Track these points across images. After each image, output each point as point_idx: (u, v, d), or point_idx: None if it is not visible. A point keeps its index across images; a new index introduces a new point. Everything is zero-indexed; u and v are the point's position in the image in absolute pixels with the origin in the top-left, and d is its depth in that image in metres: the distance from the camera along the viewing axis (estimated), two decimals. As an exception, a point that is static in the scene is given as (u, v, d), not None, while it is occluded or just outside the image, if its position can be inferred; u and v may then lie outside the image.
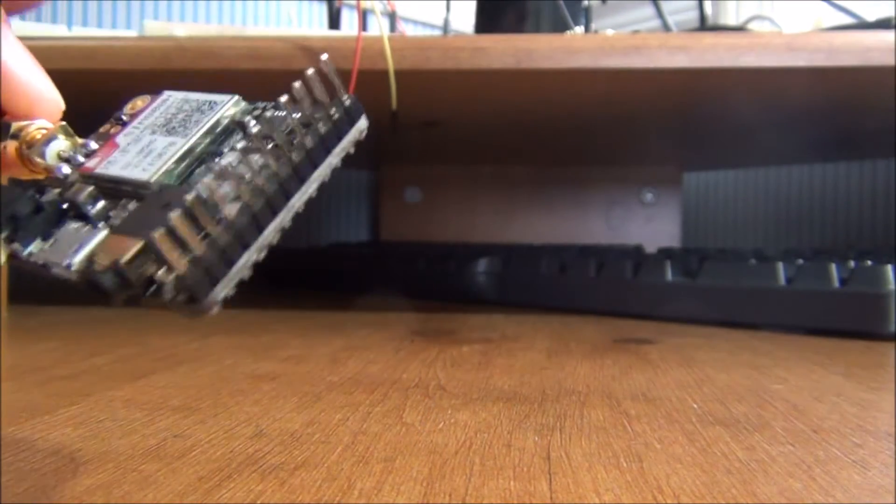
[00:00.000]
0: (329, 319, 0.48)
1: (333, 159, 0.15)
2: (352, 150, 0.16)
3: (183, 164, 0.16)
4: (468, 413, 0.24)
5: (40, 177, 0.17)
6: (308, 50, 0.44)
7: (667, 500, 0.16)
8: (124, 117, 0.18)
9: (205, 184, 0.13)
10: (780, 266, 0.46)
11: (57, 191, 0.16)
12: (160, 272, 0.13)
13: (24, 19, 0.74)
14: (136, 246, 0.13)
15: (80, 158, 0.17)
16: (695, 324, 0.47)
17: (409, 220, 0.91)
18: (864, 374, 0.31)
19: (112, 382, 0.28)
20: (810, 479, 0.18)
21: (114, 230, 0.14)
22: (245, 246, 0.14)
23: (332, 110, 0.16)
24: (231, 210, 0.13)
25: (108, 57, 0.44)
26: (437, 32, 0.93)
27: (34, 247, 0.15)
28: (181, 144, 0.16)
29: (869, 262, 0.43)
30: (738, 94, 0.51)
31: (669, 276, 0.50)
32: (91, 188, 0.16)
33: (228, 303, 0.22)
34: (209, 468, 0.18)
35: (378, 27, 0.44)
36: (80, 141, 0.17)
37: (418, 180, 0.90)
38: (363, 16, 0.45)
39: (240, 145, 0.15)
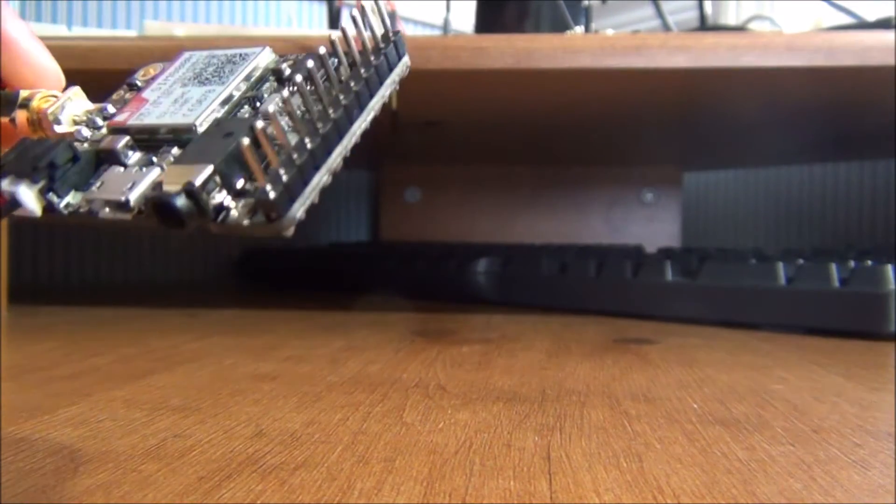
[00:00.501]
0: (329, 319, 0.48)
1: (385, 90, 0.16)
2: (397, 86, 0.16)
3: (225, 109, 0.15)
4: (468, 413, 0.24)
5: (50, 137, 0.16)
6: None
7: (667, 500, 0.16)
8: (138, 83, 0.17)
9: (275, 101, 0.14)
10: (780, 266, 0.46)
11: (87, 144, 0.16)
12: (246, 185, 0.13)
13: (24, 19, 0.74)
14: (207, 169, 0.13)
15: (99, 121, 0.16)
16: (695, 324, 0.47)
17: (409, 220, 0.91)
18: (864, 374, 0.31)
19: (112, 382, 0.28)
20: (810, 479, 0.18)
21: (175, 161, 0.14)
22: (316, 167, 0.13)
23: (381, 45, 0.16)
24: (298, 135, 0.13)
25: (108, 57, 0.44)
26: (437, 32, 0.93)
27: (71, 197, 0.15)
28: (220, 91, 0.15)
29: (869, 262, 0.43)
30: (738, 94, 0.51)
31: (669, 276, 0.50)
32: (127, 138, 0.15)
33: (229, 303, 0.21)
34: (209, 468, 0.18)
35: (378, 27, 0.44)
36: (94, 106, 0.17)
37: (418, 180, 0.90)
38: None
39: (297, 77, 0.14)
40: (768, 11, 0.84)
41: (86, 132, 0.16)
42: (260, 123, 0.13)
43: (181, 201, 0.13)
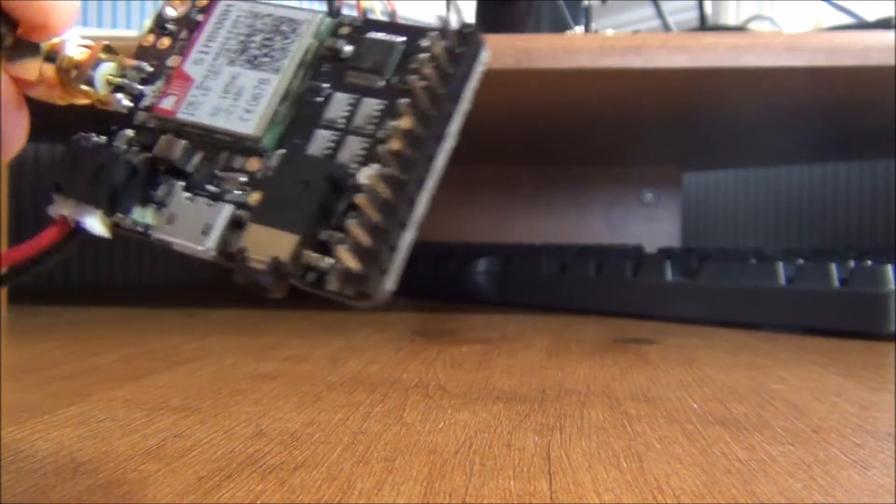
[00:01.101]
0: (329, 319, 0.48)
1: (465, 105, 0.14)
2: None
3: (284, 108, 0.14)
4: (468, 413, 0.24)
5: (81, 102, 0.15)
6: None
7: (667, 500, 0.16)
8: (169, 26, 0.15)
9: (364, 175, 0.12)
10: (780, 266, 0.46)
11: (129, 132, 0.15)
12: (326, 265, 0.12)
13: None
14: (293, 240, 0.12)
15: (136, 85, 0.15)
16: (695, 324, 0.47)
17: (409, 220, 0.91)
18: (864, 374, 0.31)
19: (112, 382, 0.28)
20: (810, 479, 0.18)
21: (254, 217, 0.13)
22: (402, 225, 0.12)
23: (450, 41, 0.14)
24: (381, 186, 0.12)
25: (108, 57, 0.44)
26: (437, 32, 0.93)
27: (137, 214, 0.14)
28: (275, 83, 0.14)
29: (869, 262, 0.43)
30: (738, 94, 0.51)
31: (669, 276, 0.50)
32: (184, 143, 0.14)
33: (229, 303, 0.21)
34: (209, 468, 0.18)
35: (378, 27, 0.44)
36: (129, 62, 0.15)
37: (418, 180, 0.90)
38: (363, 16, 0.45)
39: (375, 107, 0.13)
40: (768, 11, 0.84)
41: (124, 100, 0.15)
42: (360, 198, 0.12)
43: (269, 280, 0.12)
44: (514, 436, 0.21)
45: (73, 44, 0.14)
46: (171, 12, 0.16)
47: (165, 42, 0.15)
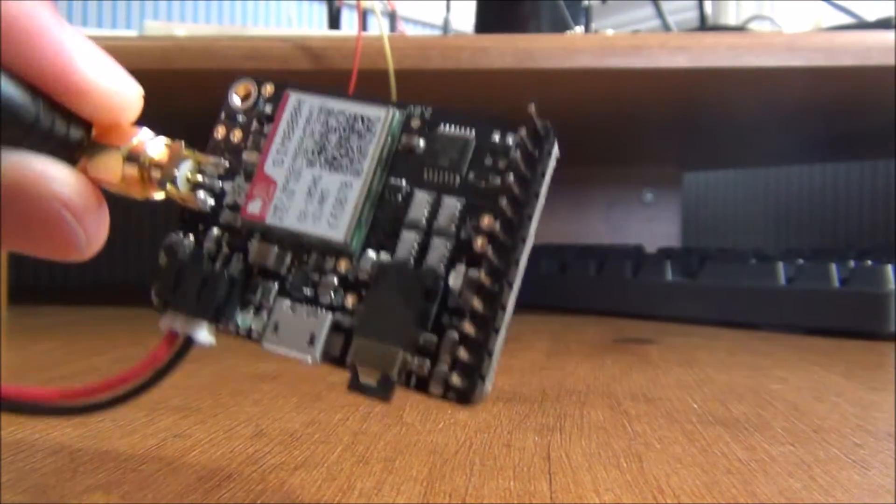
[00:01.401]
0: (329, 319, 0.48)
1: (542, 200, 0.14)
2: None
3: (366, 209, 0.14)
4: (468, 413, 0.24)
5: (158, 198, 0.15)
6: (308, 50, 0.44)
7: (667, 500, 0.16)
8: (239, 117, 0.16)
9: (458, 287, 0.13)
10: (780, 266, 0.46)
11: (216, 231, 0.15)
12: (427, 372, 0.13)
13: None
14: (399, 356, 0.13)
15: (217, 183, 0.15)
16: (695, 324, 0.47)
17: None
18: (864, 374, 0.31)
19: (112, 382, 0.28)
20: (810, 479, 0.18)
21: (358, 330, 0.14)
22: (497, 331, 0.13)
23: (523, 134, 0.14)
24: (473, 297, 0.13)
25: (108, 57, 0.44)
26: (437, 32, 0.93)
27: (240, 319, 0.15)
28: (358, 187, 0.14)
29: (869, 262, 0.43)
30: (738, 94, 0.51)
31: (669, 276, 0.50)
32: (276, 250, 0.15)
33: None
34: (209, 468, 0.18)
35: (378, 27, 0.44)
36: (206, 159, 0.16)
37: (418, 180, 0.90)
38: (363, 16, 0.46)
39: (456, 207, 0.14)
40: (768, 11, 0.84)
41: (209, 201, 0.15)
42: (468, 326, 0.13)
43: (380, 392, 0.13)
44: (514, 436, 0.21)
45: (153, 143, 0.15)
46: (237, 101, 0.16)
47: (237, 134, 0.16)
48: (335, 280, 0.14)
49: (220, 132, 0.16)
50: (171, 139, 0.15)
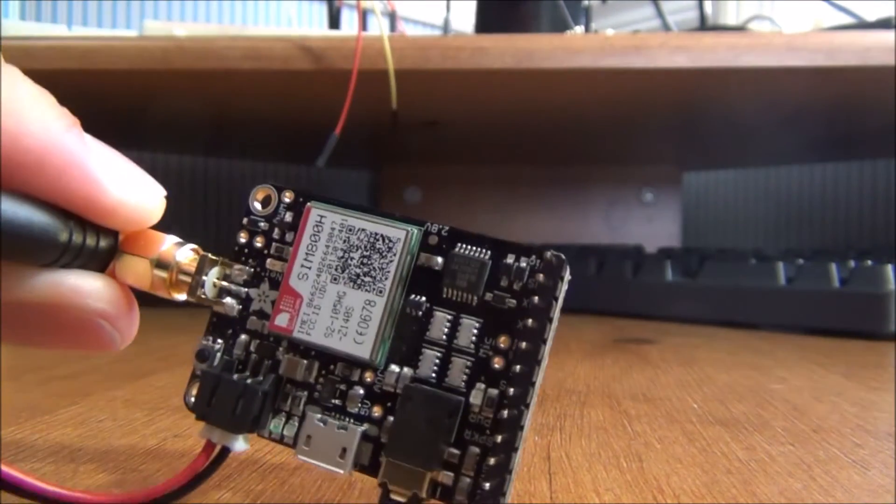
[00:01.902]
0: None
1: (556, 323, 0.15)
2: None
3: (388, 327, 0.15)
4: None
5: (183, 299, 0.16)
6: (308, 50, 0.44)
7: (667, 500, 0.16)
8: (261, 224, 0.17)
9: (478, 404, 0.15)
10: (780, 266, 0.46)
11: (244, 338, 0.16)
12: (451, 482, 0.14)
13: (24, 19, 0.74)
14: (428, 477, 0.14)
15: (242, 289, 0.16)
16: (695, 324, 0.47)
17: (409, 220, 0.91)
18: (864, 374, 0.31)
19: (112, 382, 0.28)
20: (810, 479, 0.18)
21: (387, 451, 0.15)
22: (515, 450, 0.14)
23: (539, 268, 0.15)
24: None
25: (108, 57, 0.44)
26: (437, 32, 0.93)
27: (273, 426, 0.16)
28: (381, 305, 0.15)
29: (869, 262, 0.43)
30: (738, 94, 0.51)
31: (669, 276, 0.50)
32: (305, 363, 0.16)
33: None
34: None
35: (378, 27, 0.44)
36: (232, 266, 0.16)
37: (418, 180, 0.90)
38: (363, 16, 0.45)
39: (474, 327, 0.15)
40: (768, 11, 0.84)
41: (234, 305, 0.16)
42: (490, 452, 0.14)
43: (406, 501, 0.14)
44: (514, 436, 0.21)
45: (181, 250, 0.16)
46: (257, 206, 0.17)
47: (260, 240, 0.17)
48: (361, 391, 0.15)
49: (243, 237, 0.17)
50: (197, 246, 0.16)
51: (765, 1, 0.90)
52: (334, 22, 0.69)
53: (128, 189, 0.14)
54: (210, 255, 0.16)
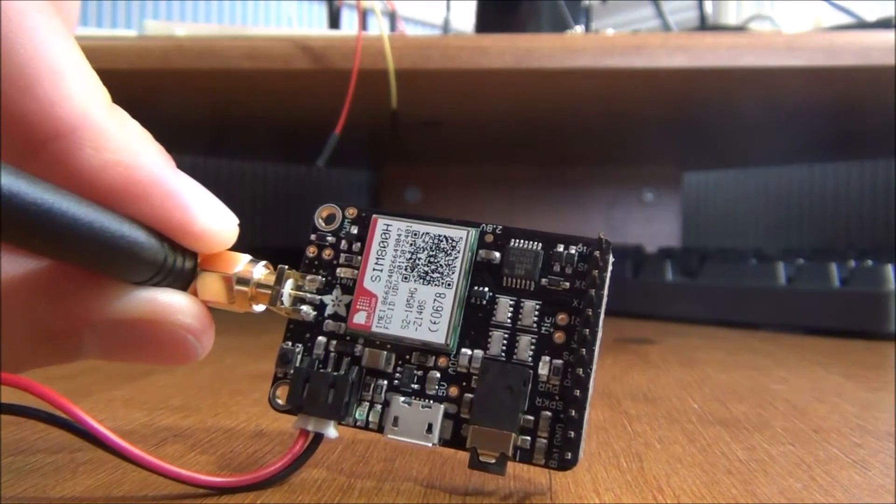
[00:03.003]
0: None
1: (606, 298, 0.17)
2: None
3: (457, 315, 0.17)
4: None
5: (255, 310, 0.18)
6: (308, 50, 0.44)
7: (667, 500, 0.16)
8: (328, 238, 0.18)
9: (546, 374, 0.17)
10: (780, 266, 0.46)
11: (323, 339, 0.18)
12: (529, 445, 0.16)
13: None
14: (511, 438, 0.16)
15: (317, 297, 0.18)
16: (695, 324, 0.47)
17: (409, 220, 0.91)
18: (864, 374, 0.31)
19: (112, 382, 0.28)
20: (810, 479, 0.18)
21: (473, 420, 0.16)
22: (585, 408, 0.16)
23: (586, 248, 0.17)
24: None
25: (108, 57, 0.44)
26: (437, 32, 0.93)
27: (359, 414, 0.17)
28: (451, 296, 0.17)
29: (869, 262, 0.43)
30: (738, 94, 0.51)
31: (669, 276, 0.50)
32: (385, 354, 0.17)
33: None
34: (209, 468, 0.18)
35: (378, 27, 0.44)
36: (305, 277, 0.18)
37: (418, 180, 0.91)
38: (363, 15, 0.45)
39: (535, 308, 0.17)
40: (768, 11, 0.84)
41: (310, 311, 0.18)
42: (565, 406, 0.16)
43: (497, 468, 0.16)
44: (514, 436, 0.21)
45: (257, 268, 0.17)
46: (322, 223, 0.18)
47: (329, 252, 0.18)
48: (438, 375, 0.17)
49: (311, 251, 0.18)
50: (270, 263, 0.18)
51: (765, 1, 0.90)
52: (334, 22, 0.69)
53: (213, 217, 0.16)
54: (286, 267, 0.17)
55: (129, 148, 0.14)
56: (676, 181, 0.88)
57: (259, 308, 0.18)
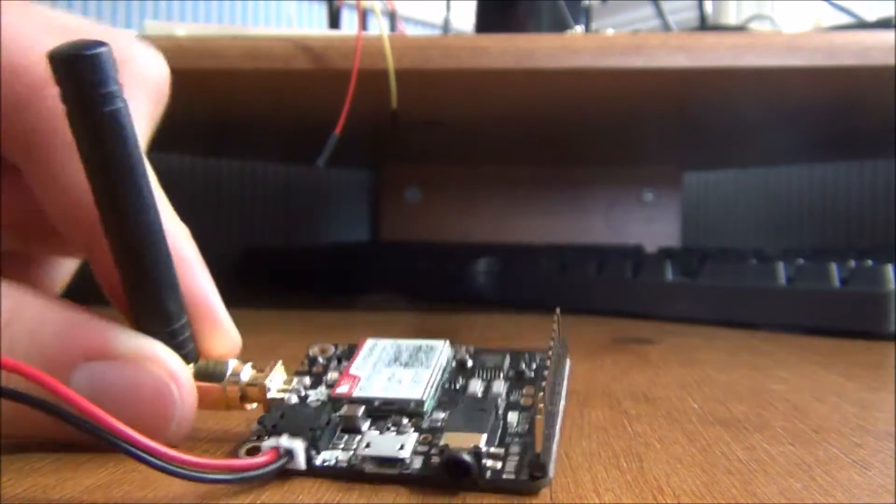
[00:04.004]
0: (329, 320, 0.48)
1: (566, 382, 0.20)
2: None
3: (435, 389, 0.19)
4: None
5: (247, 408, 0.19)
6: (308, 50, 0.44)
7: (667, 500, 0.16)
8: (320, 359, 0.20)
9: (515, 421, 0.18)
10: (780, 266, 0.46)
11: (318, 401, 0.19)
12: (500, 464, 0.17)
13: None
14: (483, 437, 0.16)
15: (303, 391, 0.19)
16: (695, 324, 0.47)
17: (409, 219, 0.91)
18: (865, 374, 0.31)
19: (112, 382, 0.28)
20: (810, 479, 0.18)
21: (447, 429, 0.17)
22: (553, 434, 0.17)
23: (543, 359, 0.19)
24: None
25: (108, 57, 0.44)
26: (437, 32, 0.93)
27: (325, 454, 0.18)
28: (428, 374, 0.19)
29: (869, 262, 0.43)
30: (738, 94, 0.51)
31: (669, 276, 0.50)
32: (363, 407, 0.18)
33: (229, 303, 0.21)
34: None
35: (378, 27, 0.44)
36: (292, 378, 0.20)
37: (418, 180, 0.91)
38: (363, 15, 0.45)
39: (503, 386, 0.19)
40: (768, 11, 0.84)
41: (293, 397, 0.19)
42: (552, 415, 0.17)
43: (471, 459, 0.16)
44: (514, 436, 0.21)
45: (245, 369, 0.19)
46: (316, 354, 0.21)
47: (319, 368, 0.20)
48: (412, 428, 0.18)
49: (303, 367, 0.21)
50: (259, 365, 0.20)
51: (765, 1, 0.90)
52: (334, 22, 0.69)
53: (232, 337, 0.20)
54: (275, 368, 0.20)
55: (192, 259, 0.20)
56: (676, 181, 0.89)
57: (251, 407, 0.19)
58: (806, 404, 0.26)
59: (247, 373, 0.19)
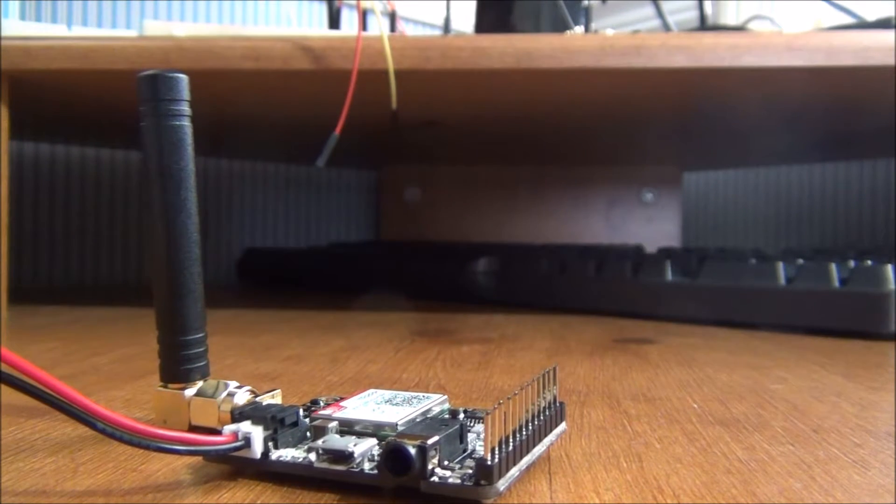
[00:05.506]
0: (329, 319, 0.48)
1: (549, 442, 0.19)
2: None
3: (418, 415, 0.19)
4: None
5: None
6: (308, 50, 0.44)
7: (667, 500, 0.16)
8: (321, 401, 0.21)
9: (473, 440, 0.18)
10: (780, 266, 0.46)
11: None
12: (452, 463, 0.16)
13: (24, 19, 0.74)
14: (434, 437, 0.16)
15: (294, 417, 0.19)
16: (695, 324, 0.47)
17: (409, 219, 0.91)
18: (864, 374, 0.31)
19: (112, 382, 0.28)
20: (810, 479, 0.18)
21: (404, 431, 0.17)
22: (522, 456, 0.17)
23: (548, 401, 0.19)
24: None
25: (108, 57, 0.44)
26: (437, 32, 0.93)
27: (283, 452, 0.18)
28: (411, 411, 0.19)
29: (869, 262, 0.43)
30: (738, 94, 0.51)
31: (669, 276, 0.50)
32: (336, 423, 0.18)
33: (229, 303, 0.21)
34: (209, 468, 0.18)
35: (378, 27, 0.44)
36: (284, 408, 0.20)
37: (418, 180, 0.91)
38: (363, 16, 0.45)
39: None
40: (768, 11, 0.84)
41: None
42: (497, 408, 0.16)
43: (414, 451, 0.16)
44: (514, 436, 0.21)
45: (241, 392, 0.20)
46: (319, 398, 0.21)
47: (317, 408, 0.21)
48: (374, 439, 0.18)
49: (302, 409, 0.20)
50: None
51: (765, 1, 0.90)
52: (334, 22, 0.69)
53: None
54: (276, 394, 0.21)
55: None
56: (676, 181, 0.89)
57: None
58: (806, 404, 0.26)
59: (242, 397, 0.20)
